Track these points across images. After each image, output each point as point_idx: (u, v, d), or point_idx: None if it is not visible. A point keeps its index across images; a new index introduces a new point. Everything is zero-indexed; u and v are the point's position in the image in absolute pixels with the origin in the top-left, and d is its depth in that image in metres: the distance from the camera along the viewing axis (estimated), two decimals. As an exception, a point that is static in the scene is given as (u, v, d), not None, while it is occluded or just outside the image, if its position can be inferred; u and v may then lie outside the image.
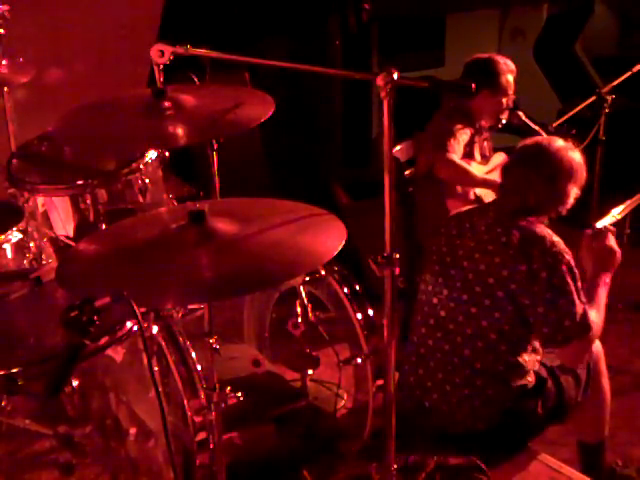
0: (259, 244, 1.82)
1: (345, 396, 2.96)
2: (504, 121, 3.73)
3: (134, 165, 2.83)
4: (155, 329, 2.40)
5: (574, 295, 2.48)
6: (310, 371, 2.97)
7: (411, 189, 3.73)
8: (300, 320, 2.90)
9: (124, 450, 2.35)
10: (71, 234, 2.84)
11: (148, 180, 2.86)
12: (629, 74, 3.77)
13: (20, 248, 2.84)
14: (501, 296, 2.53)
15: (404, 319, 2.95)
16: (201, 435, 2.42)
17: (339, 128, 5.06)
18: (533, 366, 2.63)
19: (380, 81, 1.77)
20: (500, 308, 2.54)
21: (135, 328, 2.16)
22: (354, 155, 5.15)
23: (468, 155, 3.66)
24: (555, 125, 3.77)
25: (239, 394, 2.34)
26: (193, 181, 4.05)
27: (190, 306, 2.68)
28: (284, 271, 1.81)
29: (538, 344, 2.63)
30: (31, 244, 2.85)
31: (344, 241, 1.80)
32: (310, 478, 2.67)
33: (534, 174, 2.57)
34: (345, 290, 2.79)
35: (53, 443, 2.24)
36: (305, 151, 4.93)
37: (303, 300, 2.90)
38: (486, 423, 2.58)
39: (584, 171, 2.62)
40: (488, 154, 3.83)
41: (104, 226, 2.79)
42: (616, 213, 2.90)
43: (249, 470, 2.66)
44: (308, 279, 2.87)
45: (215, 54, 2.08)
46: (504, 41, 5.65)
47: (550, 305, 2.47)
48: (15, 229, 2.83)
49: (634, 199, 3.03)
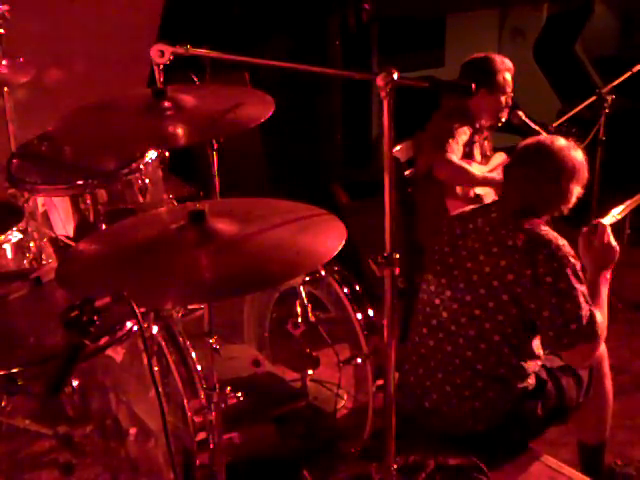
0: (259, 244, 1.82)
1: (345, 396, 2.96)
2: (504, 120, 3.72)
3: (134, 165, 2.84)
4: (155, 329, 2.40)
5: (580, 298, 2.47)
6: (310, 371, 2.96)
7: (411, 189, 3.73)
8: (300, 320, 2.90)
9: (124, 450, 2.35)
10: (71, 234, 2.84)
11: (148, 180, 2.86)
12: (629, 74, 3.77)
13: (20, 248, 2.84)
14: (506, 299, 2.52)
15: (404, 319, 2.95)
16: (201, 435, 2.42)
17: (339, 128, 5.06)
18: (534, 368, 2.63)
19: (380, 81, 1.77)
20: (504, 311, 2.53)
21: (135, 328, 2.16)
22: (354, 155, 5.14)
23: (468, 155, 3.66)
24: (555, 125, 3.76)
25: (239, 394, 2.34)
26: (193, 181, 4.04)
27: (190, 306, 2.68)
28: (284, 271, 1.81)
29: (539, 346, 2.63)
30: (31, 244, 2.85)
31: (344, 241, 1.81)
32: (310, 478, 2.67)
33: (537, 173, 2.57)
34: (345, 290, 2.78)
35: (53, 443, 2.24)
36: (305, 151, 4.92)
37: (303, 300, 2.90)
38: (486, 424, 2.57)
39: (586, 170, 2.61)
40: (488, 154, 3.83)
41: (104, 226, 2.79)
42: (616, 213, 2.89)
43: (249, 470, 2.66)
44: (308, 279, 2.87)
45: (215, 54, 2.08)
46: (504, 41, 5.64)
47: (556, 309, 2.46)
48: (15, 229, 2.83)
49: (634, 199, 3.03)
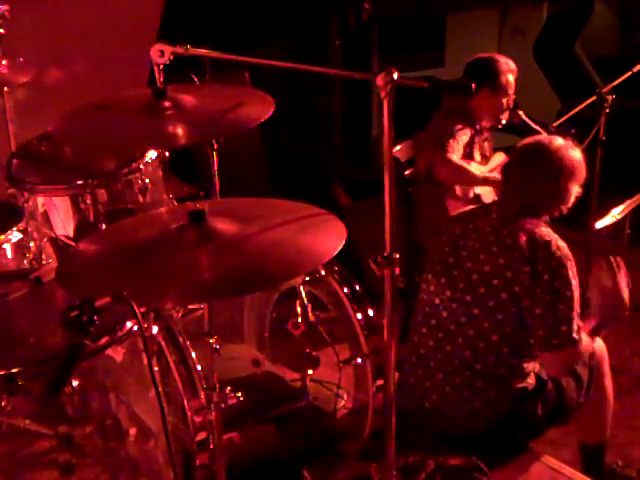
0: (259, 244, 1.82)
1: (345, 396, 2.96)
2: (504, 122, 3.72)
3: (134, 165, 2.84)
4: (155, 329, 2.40)
5: (574, 302, 2.48)
6: (310, 371, 2.96)
7: (411, 189, 3.73)
8: (300, 320, 2.90)
9: (124, 450, 2.35)
10: (71, 234, 2.84)
11: (148, 180, 2.86)
12: (629, 74, 3.76)
13: (20, 248, 2.84)
14: (505, 298, 2.52)
15: (404, 319, 2.95)
16: (201, 435, 2.42)
17: (339, 128, 5.06)
18: (534, 368, 2.63)
19: (380, 81, 1.77)
20: (503, 310, 2.53)
21: (135, 328, 2.16)
22: (354, 155, 5.14)
23: (468, 155, 3.66)
24: (555, 125, 3.76)
25: (239, 394, 2.33)
26: (193, 181, 4.04)
27: (190, 306, 2.68)
28: (284, 271, 1.81)
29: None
30: (31, 244, 2.85)
31: (344, 241, 1.81)
32: (310, 478, 2.67)
33: (535, 173, 2.57)
34: (345, 290, 2.78)
35: (53, 443, 2.24)
36: (305, 151, 4.93)
37: (303, 300, 2.89)
38: (486, 425, 2.57)
39: (584, 169, 2.62)
40: (488, 154, 3.83)
41: (104, 226, 2.79)
42: (616, 213, 2.90)
43: (249, 470, 2.66)
44: (308, 279, 2.87)
45: (215, 54, 2.08)
46: (504, 41, 5.64)
47: (549, 308, 2.47)
48: (15, 229, 2.83)
49: (634, 199, 3.03)
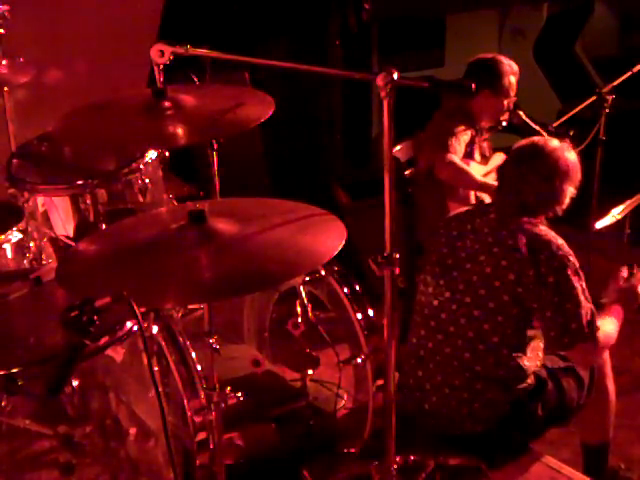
0: (259, 244, 1.82)
1: (345, 396, 2.95)
2: (504, 124, 3.72)
3: (134, 165, 2.84)
4: (155, 329, 2.40)
5: (580, 297, 2.48)
6: (310, 371, 2.96)
7: (411, 189, 3.72)
8: (300, 320, 2.90)
9: (124, 450, 2.35)
10: (71, 234, 2.84)
11: (148, 180, 2.86)
12: (629, 74, 3.76)
13: (20, 248, 2.84)
14: (507, 300, 2.52)
15: (404, 319, 2.95)
16: (201, 435, 2.42)
17: (339, 128, 5.06)
18: (533, 368, 2.63)
19: (380, 81, 1.77)
20: (504, 312, 2.53)
21: (135, 328, 2.16)
22: (354, 155, 5.14)
23: (468, 155, 3.65)
24: (555, 125, 3.76)
25: (239, 394, 2.33)
26: (193, 181, 4.04)
27: (190, 306, 2.68)
28: (284, 271, 1.81)
29: (540, 347, 2.63)
30: (31, 244, 2.85)
31: (344, 241, 1.81)
32: (310, 478, 2.67)
33: (531, 174, 2.57)
34: (345, 290, 2.78)
35: (53, 443, 2.24)
36: (305, 151, 4.92)
37: (303, 300, 2.89)
38: (485, 426, 2.57)
39: (579, 171, 2.63)
40: (488, 154, 3.83)
41: (104, 226, 2.79)
42: (616, 213, 2.90)
43: (249, 470, 2.66)
44: (308, 279, 2.87)
45: (215, 54, 2.08)
46: (504, 41, 5.64)
47: (558, 309, 2.47)
48: (15, 229, 2.83)
49: (634, 199, 3.03)
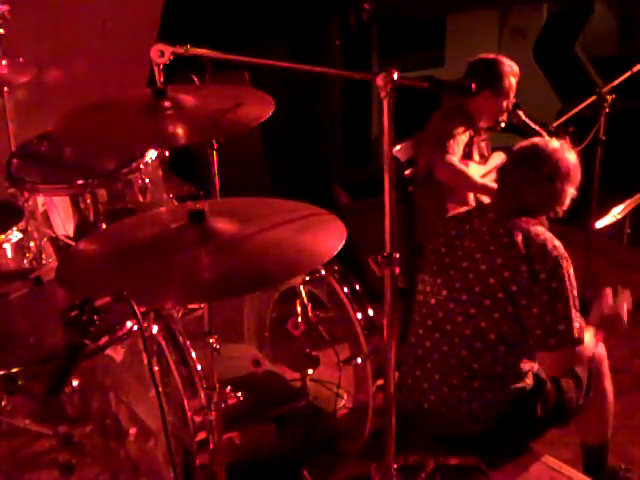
0: (259, 244, 1.82)
1: (345, 396, 2.96)
2: (503, 125, 3.72)
3: (134, 165, 2.83)
4: (155, 329, 2.40)
5: (571, 301, 2.48)
6: (310, 371, 2.96)
7: (411, 189, 3.73)
8: (300, 320, 2.90)
9: (124, 450, 2.35)
10: (71, 234, 2.84)
11: (148, 180, 2.86)
12: (629, 74, 3.77)
13: (20, 248, 2.84)
14: (501, 297, 2.52)
15: (404, 319, 2.95)
16: (201, 435, 2.42)
17: (339, 128, 5.06)
18: (532, 368, 2.63)
19: (380, 81, 1.77)
20: (500, 309, 2.53)
21: (135, 328, 2.16)
22: (354, 155, 5.15)
23: (467, 156, 3.66)
24: (555, 125, 3.76)
25: (239, 394, 2.33)
26: (193, 181, 4.04)
27: (190, 306, 2.68)
28: (284, 271, 1.81)
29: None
30: (31, 244, 2.85)
31: (344, 241, 1.81)
32: (310, 478, 2.67)
33: (532, 174, 2.58)
34: (345, 290, 2.78)
35: (53, 443, 2.24)
36: (305, 151, 4.93)
37: (303, 300, 2.90)
38: (485, 425, 2.57)
39: (579, 171, 2.63)
40: (486, 154, 3.83)
41: (104, 226, 2.79)
42: (616, 213, 2.90)
43: (249, 470, 2.66)
44: (308, 279, 2.87)
45: (215, 54, 2.08)
46: (504, 41, 5.65)
47: (546, 307, 2.47)
48: (15, 229, 2.83)
49: (634, 199, 3.03)
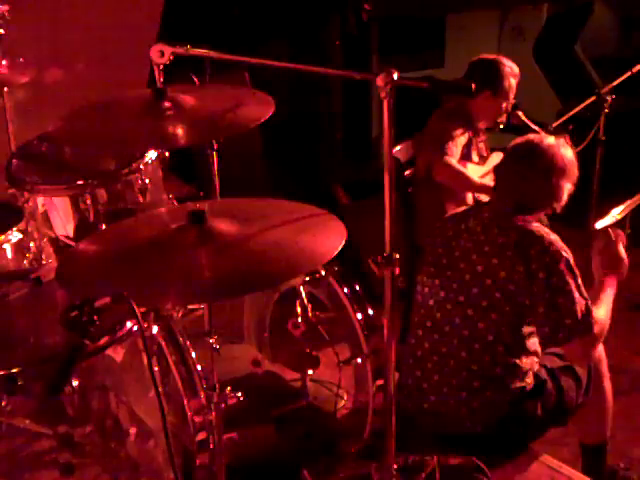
0: (259, 244, 1.83)
1: (345, 396, 2.95)
2: (501, 126, 3.72)
3: (134, 165, 2.83)
4: (155, 329, 2.40)
5: (574, 293, 2.48)
6: (310, 371, 2.96)
7: (411, 189, 3.73)
8: (300, 320, 2.90)
9: (124, 450, 2.36)
10: (71, 234, 2.84)
11: (148, 180, 2.86)
12: (629, 74, 3.76)
13: (20, 248, 2.84)
14: (499, 297, 2.52)
15: (404, 319, 2.95)
16: (201, 435, 2.42)
17: (339, 128, 5.06)
18: (532, 367, 2.63)
19: (380, 81, 1.77)
20: (497, 309, 2.53)
21: (135, 328, 2.16)
22: (354, 155, 5.15)
23: (466, 156, 3.66)
24: (555, 125, 3.76)
25: (239, 394, 2.33)
26: (193, 181, 4.05)
27: (190, 306, 2.68)
28: (284, 271, 1.81)
29: (537, 345, 2.63)
30: (31, 244, 2.85)
31: (344, 241, 1.81)
32: (310, 478, 2.67)
33: (528, 170, 2.58)
34: (345, 290, 2.78)
35: (53, 443, 2.24)
36: (305, 151, 4.93)
37: (303, 300, 2.89)
38: (485, 425, 2.57)
39: (576, 167, 2.63)
40: (485, 154, 3.83)
41: (104, 226, 2.79)
42: (616, 213, 2.90)
43: (249, 470, 2.66)
44: (308, 279, 2.87)
45: (215, 54, 2.08)
46: (504, 41, 5.64)
47: (550, 305, 2.47)
48: (15, 229, 2.83)
49: (634, 199, 3.03)
